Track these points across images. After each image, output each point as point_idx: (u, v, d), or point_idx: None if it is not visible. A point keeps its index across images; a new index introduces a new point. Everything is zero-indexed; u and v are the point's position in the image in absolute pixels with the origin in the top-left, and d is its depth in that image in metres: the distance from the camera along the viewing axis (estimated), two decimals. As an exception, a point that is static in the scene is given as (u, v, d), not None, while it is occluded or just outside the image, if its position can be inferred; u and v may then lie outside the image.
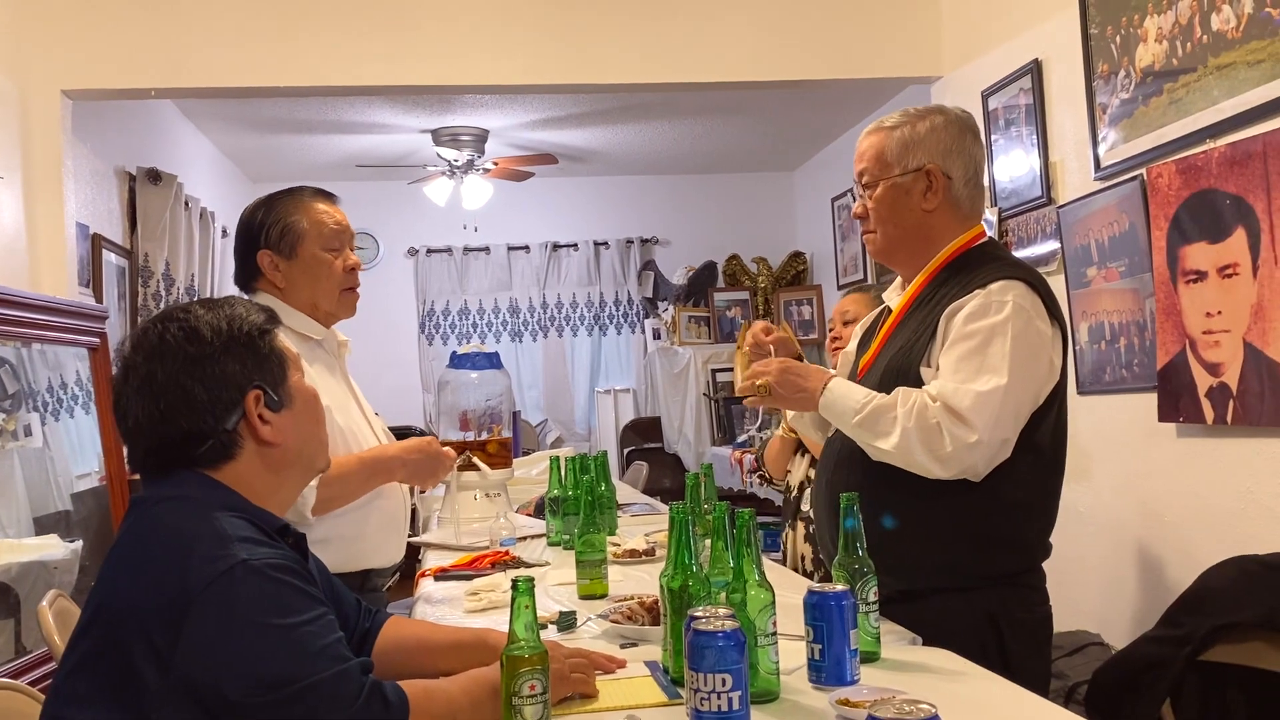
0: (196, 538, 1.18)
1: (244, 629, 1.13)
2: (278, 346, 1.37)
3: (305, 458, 1.37)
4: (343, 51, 3.90)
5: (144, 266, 4.74)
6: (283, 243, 2.06)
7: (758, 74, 4.11)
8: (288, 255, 2.06)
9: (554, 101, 5.64)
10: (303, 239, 2.07)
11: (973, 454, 1.68)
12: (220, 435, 1.28)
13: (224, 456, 1.29)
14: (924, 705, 0.97)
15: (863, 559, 1.50)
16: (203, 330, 1.31)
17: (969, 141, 1.87)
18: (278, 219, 2.07)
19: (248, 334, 1.33)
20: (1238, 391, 2.61)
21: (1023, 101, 3.62)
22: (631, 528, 2.76)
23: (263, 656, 1.13)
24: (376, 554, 2.09)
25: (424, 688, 1.26)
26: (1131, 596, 3.10)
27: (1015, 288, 1.75)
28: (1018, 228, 3.69)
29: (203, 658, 1.12)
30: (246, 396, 1.29)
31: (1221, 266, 2.64)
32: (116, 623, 1.16)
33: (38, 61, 3.67)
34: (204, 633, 1.12)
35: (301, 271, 2.06)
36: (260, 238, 2.07)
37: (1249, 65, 2.56)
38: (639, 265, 7.59)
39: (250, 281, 2.12)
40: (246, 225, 2.10)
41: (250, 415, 1.29)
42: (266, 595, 1.16)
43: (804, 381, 1.84)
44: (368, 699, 1.16)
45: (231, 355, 1.30)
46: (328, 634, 1.19)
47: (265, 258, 2.06)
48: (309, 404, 1.38)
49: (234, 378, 1.30)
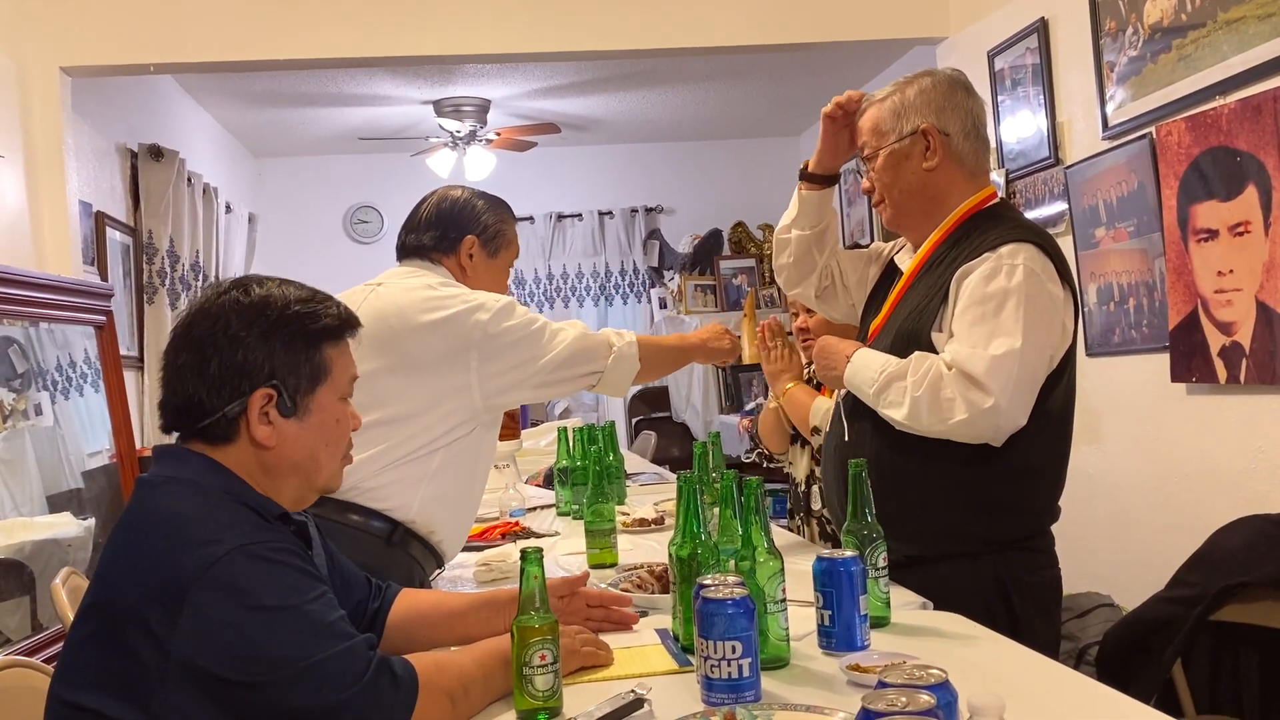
0: (192, 523, 1.18)
1: (243, 613, 1.13)
2: (326, 357, 1.30)
3: (303, 472, 1.31)
4: (342, 23, 3.87)
5: (148, 243, 4.73)
6: (492, 242, 2.13)
7: (762, 37, 4.06)
8: (490, 253, 2.13)
9: (555, 70, 5.60)
10: (505, 249, 2.16)
11: (990, 418, 1.67)
12: (220, 416, 1.25)
13: (223, 438, 1.26)
14: (934, 670, 0.97)
15: (872, 524, 1.50)
16: (251, 307, 1.27)
17: (960, 96, 1.86)
18: (499, 219, 2.16)
19: (298, 331, 1.28)
20: (1250, 350, 2.59)
21: (1029, 61, 3.58)
22: (640, 497, 2.76)
23: (264, 638, 1.13)
24: (449, 547, 2.03)
25: (434, 660, 1.26)
26: (1141, 557, 3.10)
27: (1026, 250, 1.73)
28: (1025, 189, 3.66)
29: (202, 643, 1.12)
30: (256, 391, 1.25)
31: (1233, 224, 2.61)
32: (115, 608, 1.16)
33: (36, 39, 3.65)
34: (203, 618, 1.12)
35: (489, 274, 2.13)
36: (478, 223, 2.13)
37: (1259, 19, 2.52)
38: (644, 234, 7.56)
39: (434, 250, 2.11)
40: (469, 205, 2.15)
41: (251, 410, 1.25)
42: (264, 577, 1.15)
43: (833, 365, 1.87)
44: (375, 675, 1.15)
45: (264, 345, 1.26)
46: (330, 612, 1.18)
47: (471, 242, 2.11)
48: (329, 424, 1.31)
49: (253, 367, 1.25)
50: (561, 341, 1.95)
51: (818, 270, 2.09)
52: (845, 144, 1.99)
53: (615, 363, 2.01)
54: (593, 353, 2.00)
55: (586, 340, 2.00)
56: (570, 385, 2.05)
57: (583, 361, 1.98)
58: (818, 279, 2.09)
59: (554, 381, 1.98)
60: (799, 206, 2.07)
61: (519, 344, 1.91)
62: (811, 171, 2.03)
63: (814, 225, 2.06)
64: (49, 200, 3.66)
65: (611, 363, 2.01)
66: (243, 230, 6.07)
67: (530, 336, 1.93)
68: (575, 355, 1.96)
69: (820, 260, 2.08)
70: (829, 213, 2.08)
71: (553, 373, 1.94)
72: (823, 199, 2.05)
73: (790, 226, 2.08)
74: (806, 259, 2.08)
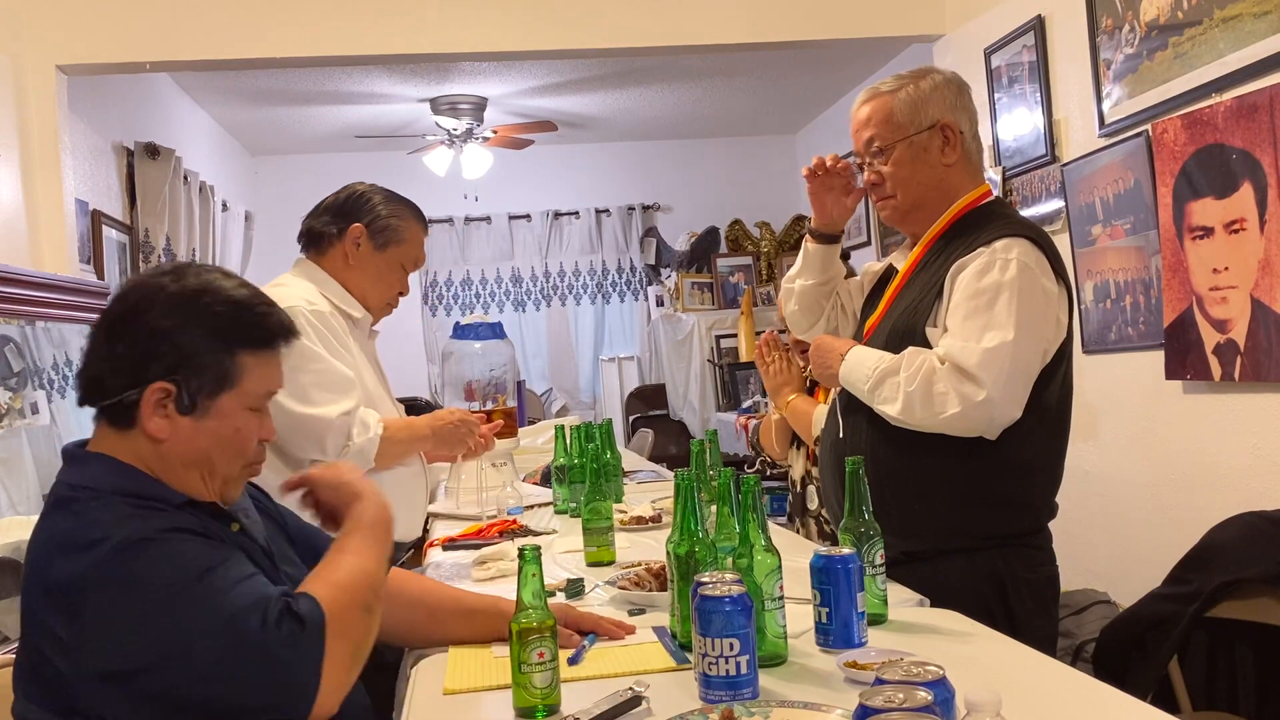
0: (78, 529, 1.17)
1: (136, 603, 1.12)
2: (241, 363, 1.26)
3: (198, 469, 1.27)
4: (338, 20, 3.86)
5: (145, 242, 4.72)
6: (380, 234, 2.12)
7: (758, 35, 4.06)
8: (377, 246, 2.12)
9: (552, 67, 5.59)
10: (396, 244, 2.15)
11: (983, 411, 1.67)
12: (118, 401, 1.23)
13: (124, 423, 1.24)
14: (932, 667, 0.97)
15: (869, 522, 1.50)
16: (179, 296, 1.24)
17: (967, 97, 1.90)
18: (391, 214, 2.14)
19: (217, 331, 1.24)
20: (1245, 348, 2.60)
21: (1026, 59, 3.58)
22: (638, 495, 2.76)
23: (161, 621, 1.11)
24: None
25: (336, 583, 1.20)
26: (1138, 554, 3.11)
27: (1020, 245, 1.74)
28: (1022, 187, 3.66)
29: (105, 643, 1.12)
30: (154, 383, 1.22)
31: (1228, 222, 2.62)
32: (27, 619, 1.17)
33: (31, 37, 3.64)
34: (101, 619, 1.12)
35: (374, 267, 2.12)
36: (364, 213, 2.12)
37: (1255, 17, 2.52)
38: (641, 232, 7.55)
39: (320, 242, 2.12)
40: (357, 195, 2.14)
41: (145, 400, 1.22)
42: (153, 562, 1.14)
43: (828, 363, 1.88)
44: (277, 622, 1.12)
45: (178, 337, 1.23)
46: (236, 573, 1.16)
47: (358, 231, 2.10)
48: (226, 432, 1.26)
49: (158, 357, 1.22)
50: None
51: (824, 315, 2.11)
52: (833, 202, 2.00)
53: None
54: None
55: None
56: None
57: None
58: (825, 321, 2.12)
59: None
60: (804, 260, 2.09)
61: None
62: (814, 230, 2.06)
63: (820, 277, 2.08)
64: (45, 198, 3.65)
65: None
66: (239, 228, 6.06)
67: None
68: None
69: (827, 307, 2.11)
70: (835, 265, 2.09)
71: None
72: (828, 253, 2.06)
73: (796, 277, 2.11)
74: (814, 308, 2.11)
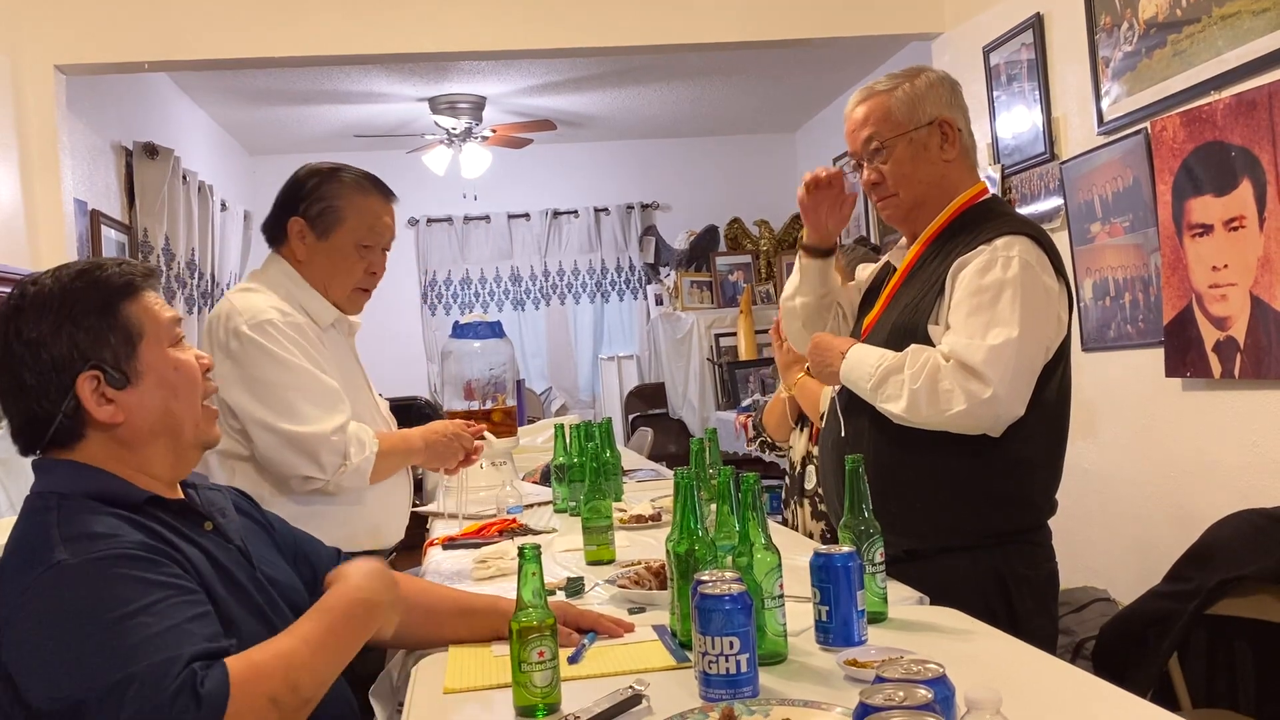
0: (22, 545, 1.16)
1: (53, 630, 1.09)
2: (130, 316, 1.26)
3: (170, 430, 1.28)
4: (337, 20, 3.86)
5: (144, 242, 4.72)
6: (319, 220, 2.00)
7: (757, 33, 4.06)
8: (319, 234, 2.01)
9: (551, 66, 5.59)
10: (339, 226, 2.01)
11: (989, 408, 1.67)
12: (61, 419, 1.23)
13: (74, 437, 1.25)
14: (932, 665, 0.97)
15: (868, 520, 1.50)
16: (31, 306, 1.24)
17: (960, 95, 1.91)
18: (324, 196, 2.01)
19: (86, 306, 1.24)
20: (1245, 345, 2.60)
21: (1024, 57, 3.58)
22: (637, 493, 2.76)
23: (71, 656, 1.07)
24: (372, 536, 2.06)
25: (252, 664, 1.12)
26: (1138, 552, 3.11)
27: (1020, 242, 1.74)
28: (1020, 184, 3.66)
29: (18, 663, 1.10)
30: (78, 380, 1.23)
31: (1228, 219, 2.62)
32: None
33: (30, 36, 3.63)
34: (18, 638, 1.10)
35: (326, 256, 2.02)
36: (299, 204, 2.01)
37: (1254, 14, 2.52)
38: (640, 231, 7.55)
39: (277, 241, 2.07)
40: (293, 185, 2.03)
41: (85, 399, 1.23)
42: (84, 592, 1.10)
43: (828, 362, 1.87)
44: (174, 695, 1.04)
45: (62, 334, 1.23)
46: (158, 622, 1.09)
47: (296, 226, 2.00)
48: (168, 375, 1.28)
49: (64, 360, 1.23)
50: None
51: (828, 327, 2.10)
52: (827, 213, 1.99)
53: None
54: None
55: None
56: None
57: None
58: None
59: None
60: (800, 276, 2.08)
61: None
62: (808, 245, 2.04)
63: (819, 292, 2.07)
64: (44, 198, 3.65)
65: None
66: (238, 228, 6.05)
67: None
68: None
69: (829, 318, 2.10)
70: (832, 278, 2.08)
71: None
72: (824, 268, 2.05)
73: (794, 295, 2.10)
74: (816, 321, 2.10)
